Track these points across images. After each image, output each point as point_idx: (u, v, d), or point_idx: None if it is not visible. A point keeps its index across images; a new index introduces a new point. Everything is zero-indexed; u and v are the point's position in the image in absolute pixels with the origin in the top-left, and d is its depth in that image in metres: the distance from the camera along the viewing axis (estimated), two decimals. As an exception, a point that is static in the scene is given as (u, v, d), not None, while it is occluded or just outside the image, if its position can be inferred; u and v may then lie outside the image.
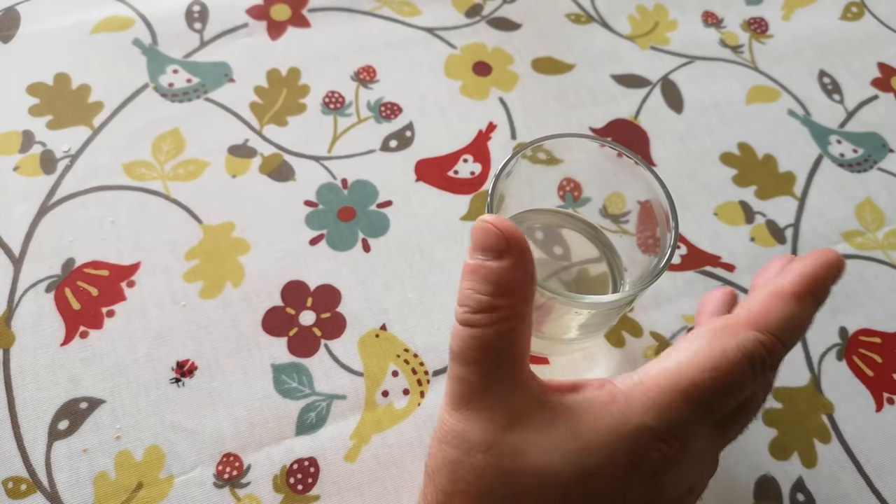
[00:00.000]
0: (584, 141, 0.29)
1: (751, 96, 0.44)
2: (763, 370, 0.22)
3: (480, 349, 0.21)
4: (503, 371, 0.22)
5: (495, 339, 0.21)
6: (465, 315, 0.22)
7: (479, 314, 0.21)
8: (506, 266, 0.21)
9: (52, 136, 0.39)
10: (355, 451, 0.31)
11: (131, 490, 0.30)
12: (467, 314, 0.22)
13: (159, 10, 0.44)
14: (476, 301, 0.21)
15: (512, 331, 0.21)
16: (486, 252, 0.22)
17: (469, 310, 0.22)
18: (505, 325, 0.21)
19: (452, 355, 0.22)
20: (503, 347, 0.21)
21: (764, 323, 0.22)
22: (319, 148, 0.40)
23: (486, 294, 0.21)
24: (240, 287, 0.35)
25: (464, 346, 0.22)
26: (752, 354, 0.21)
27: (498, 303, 0.21)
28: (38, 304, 0.34)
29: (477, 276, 0.22)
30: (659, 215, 0.28)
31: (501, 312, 0.21)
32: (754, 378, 0.21)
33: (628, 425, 0.21)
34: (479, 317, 0.21)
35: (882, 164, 0.42)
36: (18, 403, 0.31)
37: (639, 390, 0.21)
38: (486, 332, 0.21)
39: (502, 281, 0.21)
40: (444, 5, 0.46)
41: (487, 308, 0.21)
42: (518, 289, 0.22)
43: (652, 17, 0.47)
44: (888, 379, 0.35)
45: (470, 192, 0.39)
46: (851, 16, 0.49)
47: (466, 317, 0.22)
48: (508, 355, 0.22)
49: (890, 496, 0.32)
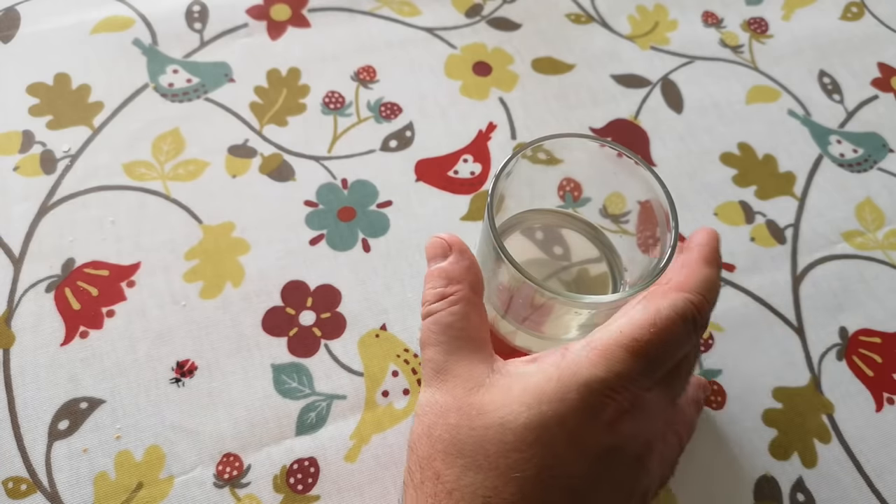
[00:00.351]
0: (584, 141, 0.29)
1: (751, 96, 0.44)
2: (695, 326, 0.24)
3: (440, 332, 0.25)
4: (462, 347, 0.25)
5: (451, 319, 0.25)
6: (426, 308, 0.26)
7: (435, 303, 0.26)
8: (450, 261, 0.27)
9: (52, 136, 0.39)
10: (355, 451, 0.31)
11: (131, 490, 0.30)
12: (427, 306, 0.26)
13: (159, 10, 0.44)
14: (432, 294, 0.26)
15: (465, 314, 0.26)
16: (435, 258, 0.27)
17: (428, 303, 0.26)
18: (457, 307, 0.26)
19: (420, 344, 0.26)
20: (460, 327, 0.25)
21: (689, 285, 0.25)
22: (319, 148, 0.40)
23: (440, 287, 0.26)
24: (240, 287, 0.35)
25: (427, 332, 0.26)
26: (683, 311, 0.24)
27: (448, 290, 0.26)
28: (38, 304, 0.34)
29: (431, 276, 0.27)
30: (659, 215, 0.28)
31: (453, 297, 0.26)
32: (688, 334, 0.24)
33: (578, 376, 0.23)
34: (435, 305, 0.26)
35: (882, 164, 0.42)
36: (18, 403, 0.31)
37: (585, 350, 0.23)
38: (443, 316, 0.25)
39: (449, 274, 0.26)
40: (444, 5, 0.46)
41: (441, 296, 0.26)
42: (463, 277, 0.26)
43: (652, 17, 0.47)
44: (888, 379, 0.35)
45: (470, 192, 0.39)
46: (851, 16, 0.49)
47: (426, 308, 0.26)
48: (465, 334, 0.25)
49: (890, 496, 0.32)
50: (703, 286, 0.25)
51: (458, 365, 0.25)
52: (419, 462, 0.24)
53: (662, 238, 0.28)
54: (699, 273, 0.25)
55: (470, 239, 0.37)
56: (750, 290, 0.37)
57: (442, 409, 0.24)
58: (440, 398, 0.24)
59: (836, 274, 0.38)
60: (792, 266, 0.38)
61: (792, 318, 0.36)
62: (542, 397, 0.23)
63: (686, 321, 0.24)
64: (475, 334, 0.26)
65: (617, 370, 0.23)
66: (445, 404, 0.24)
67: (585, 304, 0.26)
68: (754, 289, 0.37)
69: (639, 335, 0.23)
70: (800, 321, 0.36)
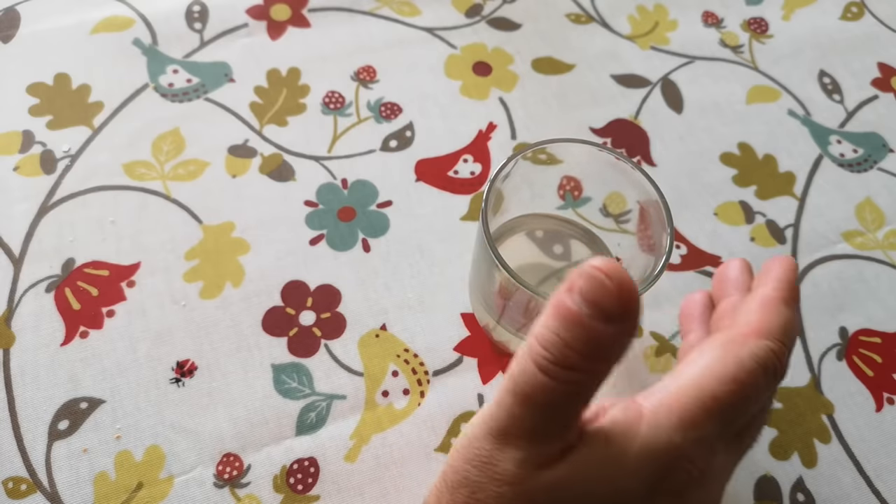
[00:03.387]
0: (582, 146, 0.29)
1: (751, 96, 0.44)
2: (775, 376, 0.22)
3: (544, 400, 0.20)
4: (555, 423, 0.20)
5: (563, 397, 0.20)
6: (545, 363, 0.19)
7: (558, 367, 0.19)
8: (611, 333, 0.19)
9: (52, 136, 0.39)
10: (355, 451, 0.31)
11: (131, 490, 0.30)
12: (547, 363, 0.19)
13: (159, 10, 0.44)
14: (562, 355, 0.19)
15: (586, 391, 0.20)
16: (595, 308, 0.18)
17: (551, 359, 0.19)
18: (581, 386, 0.20)
19: (511, 386, 0.20)
20: (568, 404, 0.20)
21: (767, 330, 0.22)
22: (319, 148, 0.40)
23: (576, 352, 0.19)
24: (240, 287, 0.35)
25: (527, 387, 0.20)
26: (765, 362, 0.21)
27: (585, 365, 0.19)
28: (38, 304, 0.34)
29: (574, 328, 0.19)
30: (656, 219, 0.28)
31: (583, 375, 0.19)
32: (768, 385, 0.22)
33: (657, 444, 0.20)
34: (557, 370, 0.19)
35: (882, 164, 0.42)
36: (18, 403, 0.31)
37: (663, 408, 0.21)
38: (558, 387, 0.19)
39: (601, 346, 0.19)
40: (444, 5, 0.46)
41: (571, 366, 0.19)
42: (613, 357, 0.20)
43: (652, 17, 0.47)
44: (888, 379, 0.35)
45: (470, 192, 0.39)
46: (851, 16, 0.49)
47: (545, 364, 0.19)
48: (569, 411, 0.20)
49: (890, 496, 0.32)
50: (783, 331, 0.23)
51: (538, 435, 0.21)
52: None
53: (658, 243, 0.28)
54: (779, 315, 0.23)
55: (470, 239, 0.37)
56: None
57: (497, 475, 0.21)
58: (501, 462, 0.21)
59: (836, 274, 0.38)
60: (792, 266, 0.38)
61: (792, 318, 0.36)
62: (621, 471, 0.20)
63: (767, 372, 0.21)
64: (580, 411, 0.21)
65: (697, 436, 0.20)
66: (503, 472, 0.21)
67: None
68: (754, 289, 0.37)
69: (720, 392, 0.21)
70: (800, 321, 0.36)
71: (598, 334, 0.18)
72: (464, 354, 0.34)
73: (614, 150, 0.29)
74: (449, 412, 0.32)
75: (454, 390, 0.33)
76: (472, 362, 0.34)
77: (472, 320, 0.35)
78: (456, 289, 0.36)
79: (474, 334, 0.35)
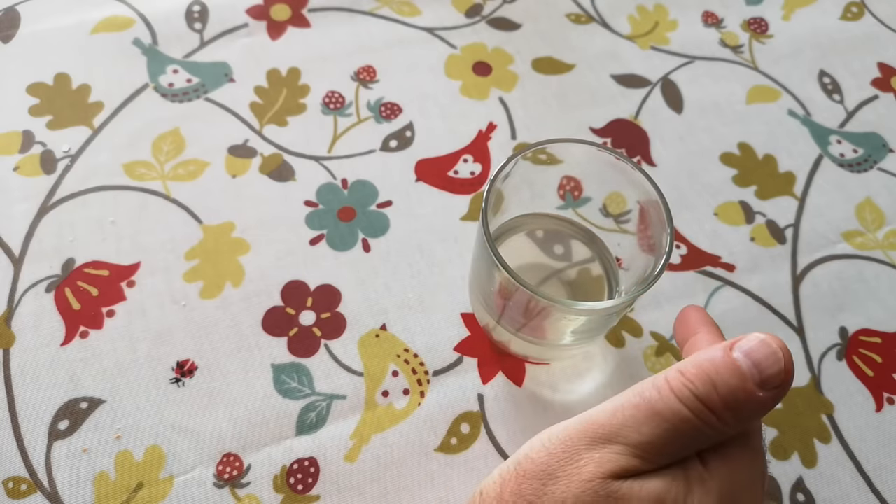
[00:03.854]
0: (582, 146, 0.29)
1: (751, 96, 0.44)
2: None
3: (671, 423, 0.21)
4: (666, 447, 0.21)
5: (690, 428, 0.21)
6: (686, 392, 0.21)
7: (697, 401, 0.21)
8: (759, 398, 0.21)
9: (52, 136, 0.39)
10: (355, 451, 0.31)
11: (131, 490, 0.30)
12: (689, 392, 0.21)
13: (159, 10, 0.44)
14: (707, 394, 0.21)
15: (706, 436, 0.21)
16: (757, 370, 0.21)
17: (694, 391, 0.21)
18: (708, 428, 0.21)
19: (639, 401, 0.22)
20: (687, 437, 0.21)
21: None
22: (319, 148, 0.40)
23: (721, 398, 0.21)
24: (240, 287, 0.35)
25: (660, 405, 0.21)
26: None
27: (722, 412, 0.21)
28: (38, 304, 0.34)
29: (731, 378, 0.21)
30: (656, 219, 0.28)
31: (715, 419, 0.21)
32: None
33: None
34: (695, 402, 0.21)
35: (882, 164, 0.42)
36: (18, 403, 0.31)
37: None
38: (690, 418, 0.21)
39: (744, 404, 0.21)
40: (444, 5, 0.46)
41: (710, 407, 0.21)
42: (746, 418, 0.21)
43: (652, 17, 0.47)
44: (888, 379, 0.35)
45: (470, 192, 0.39)
46: (851, 16, 0.49)
47: (686, 394, 0.21)
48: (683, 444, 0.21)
49: (890, 496, 0.32)
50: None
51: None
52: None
53: (658, 244, 0.28)
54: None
55: (470, 239, 0.37)
56: (750, 291, 0.37)
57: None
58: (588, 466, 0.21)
59: (836, 274, 0.38)
60: (792, 266, 0.38)
61: (792, 318, 0.36)
62: None
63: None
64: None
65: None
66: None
67: (580, 310, 0.26)
68: (754, 289, 0.37)
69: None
70: (800, 321, 0.36)
71: (748, 394, 0.21)
72: (464, 354, 0.34)
73: (614, 150, 0.29)
74: (449, 412, 0.32)
75: (454, 390, 0.33)
76: (472, 362, 0.34)
77: (472, 320, 0.35)
78: (456, 289, 0.36)
79: (474, 334, 0.35)
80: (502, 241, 0.33)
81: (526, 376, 0.34)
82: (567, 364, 0.34)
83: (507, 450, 0.32)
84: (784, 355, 0.21)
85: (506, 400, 0.33)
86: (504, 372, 0.34)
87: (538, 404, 0.33)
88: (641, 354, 0.35)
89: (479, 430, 0.32)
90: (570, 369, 0.34)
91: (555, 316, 0.27)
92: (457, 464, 0.31)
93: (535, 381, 0.33)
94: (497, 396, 0.33)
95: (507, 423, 0.32)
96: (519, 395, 0.33)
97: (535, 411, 0.33)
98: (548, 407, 0.33)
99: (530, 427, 0.32)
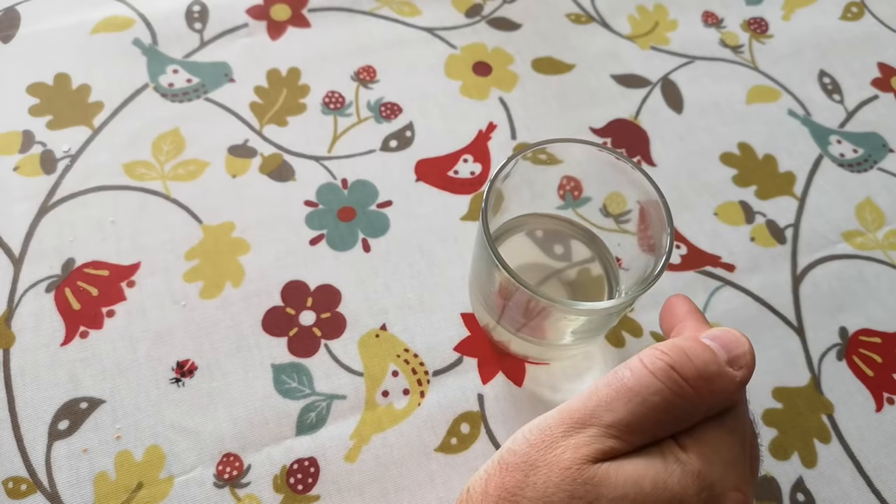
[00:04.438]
0: (582, 146, 0.29)
1: (751, 96, 0.44)
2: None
3: (644, 398, 0.22)
4: (641, 423, 0.22)
5: (663, 401, 0.22)
6: (660, 363, 0.22)
7: (673, 371, 0.22)
8: (727, 373, 0.23)
9: (52, 136, 0.39)
10: (355, 451, 0.31)
11: (131, 490, 0.30)
12: (664, 363, 0.22)
13: (159, 10, 0.44)
14: (681, 362, 0.22)
15: (681, 409, 0.22)
16: (725, 350, 0.23)
17: (669, 361, 0.22)
18: (682, 399, 0.22)
19: (611, 380, 0.22)
20: (662, 411, 0.22)
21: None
22: (319, 148, 0.40)
23: (695, 367, 0.22)
24: (240, 287, 0.35)
25: (632, 382, 0.22)
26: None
27: (695, 382, 0.22)
28: (38, 304, 0.34)
29: (703, 352, 0.23)
30: (656, 219, 0.28)
31: (690, 390, 0.22)
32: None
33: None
34: (669, 372, 0.22)
35: (882, 164, 0.42)
36: (18, 403, 0.31)
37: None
38: (663, 389, 0.22)
39: (716, 376, 0.22)
40: (444, 5, 0.46)
41: (684, 375, 0.22)
42: (718, 394, 0.22)
43: (652, 17, 0.47)
44: (888, 379, 0.35)
45: (470, 192, 0.39)
46: (851, 16, 0.49)
47: (661, 365, 0.22)
48: (660, 418, 0.22)
49: (890, 496, 0.32)
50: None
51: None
52: None
53: (658, 245, 0.28)
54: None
55: (470, 239, 0.37)
56: (750, 290, 0.37)
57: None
58: (564, 452, 0.22)
59: (836, 274, 0.38)
60: (792, 266, 0.38)
61: (792, 318, 0.36)
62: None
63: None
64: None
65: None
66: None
67: (580, 310, 0.26)
68: (754, 289, 0.37)
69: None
70: (800, 321, 0.36)
71: (720, 366, 0.22)
72: (464, 354, 0.34)
73: (614, 150, 0.29)
74: (449, 412, 0.32)
75: (454, 390, 0.33)
76: (472, 362, 0.34)
77: (472, 320, 0.35)
78: (456, 289, 0.36)
79: (474, 334, 0.35)
80: (502, 241, 0.33)
81: (526, 376, 0.34)
82: (567, 364, 0.34)
83: (507, 450, 0.32)
84: (746, 340, 0.23)
85: (506, 400, 0.33)
86: (504, 372, 0.34)
87: (538, 404, 0.33)
88: (641, 354, 0.35)
89: (479, 430, 0.32)
90: (570, 369, 0.34)
91: (555, 316, 0.27)
92: (457, 464, 0.31)
93: (535, 381, 0.33)
94: (497, 396, 0.33)
95: (507, 423, 0.32)
96: (519, 395, 0.33)
97: (535, 411, 0.33)
98: (548, 407, 0.33)
99: (530, 427, 0.32)
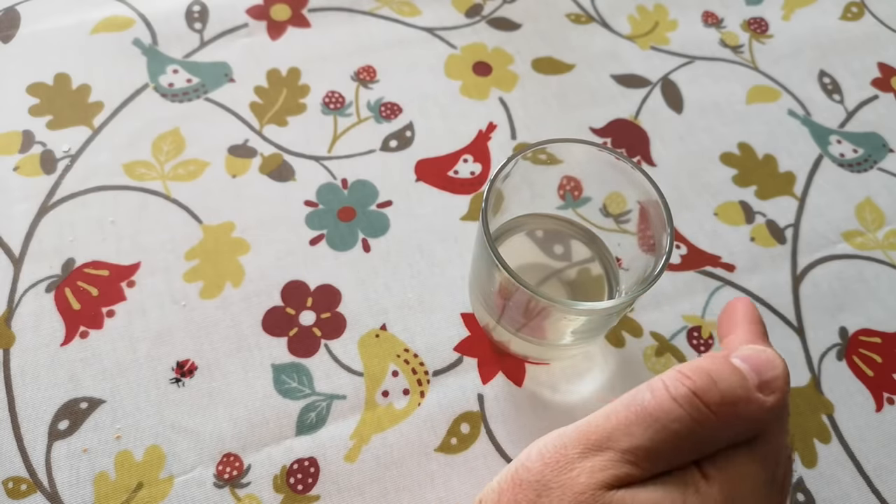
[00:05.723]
0: (582, 146, 0.29)
1: (751, 96, 0.44)
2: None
3: (664, 424, 0.21)
4: (661, 449, 0.21)
5: (684, 428, 0.21)
6: (683, 389, 0.21)
7: (695, 398, 0.21)
8: (757, 399, 0.21)
9: (52, 136, 0.39)
10: (355, 451, 0.31)
11: (131, 490, 0.30)
12: (686, 389, 0.21)
13: (159, 10, 0.44)
14: (705, 387, 0.21)
15: (702, 437, 0.21)
16: (755, 373, 0.22)
17: (692, 387, 0.21)
18: (704, 427, 0.21)
19: (630, 401, 0.21)
20: (683, 438, 0.21)
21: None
22: (319, 148, 0.40)
23: (720, 393, 0.21)
24: (240, 287, 0.35)
25: (652, 406, 0.21)
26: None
27: (719, 409, 0.21)
28: (38, 304, 0.34)
29: (731, 375, 0.21)
30: (656, 219, 0.28)
31: (713, 418, 0.21)
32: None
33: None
34: (692, 399, 0.21)
35: (882, 164, 0.42)
36: (18, 403, 0.31)
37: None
38: (684, 416, 0.21)
39: (742, 402, 0.21)
40: (444, 5, 0.46)
41: (707, 402, 0.21)
42: (744, 422, 0.21)
43: (652, 17, 0.47)
44: (888, 379, 0.35)
45: (470, 192, 0.39)
46: (851, 16, 0.49)
47: (683, 391, 0.21)
48: (679, 445, 0.21)
49: (890, 496, 0.32)
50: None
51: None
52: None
53: (658, 245, 0.28)
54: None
55: (470, 239, 0.37)
56: (750, 290, 0.37)
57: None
58: (580, 475, 0.21)
59: (836, 274, 0.38)
60: (792, 266, 0.38)
61: (792, 318, 0.36)
62: None
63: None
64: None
65: None
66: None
67: (580, 310, 0.26)
68: (754, 289, 0.37)
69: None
70: (800, 321, 0.36)
71: (748, 392, 0.21)
72: (464, 354, 0.34)
73: (614, 150, 0.29)
74: (449, 412, 0.32)
75: (454, 390, 0.33)
76: (472, 362, 0.34)
77: (472, 320, 0.35)
78: (456, 289, 0.36)
79: (474, 334, 0.35)
80: (502, 241, 0.33)
81: (526, 376, 0.34)
82: (567, 364, 0.34)
83: (507, 450, 0.32)
84: (781, 363, 0.22)
85: (506, 400, 0.33)
86: (504, 372, 0.34)
87: (538, 404, 0.33)
88: (641, 354, 0.35)
89: (479, 430, 0.32)
90: (570, 369, 0.34)
91: (555, 316, 0.27)
92: (457, 464, 0.31)
93: (535, 381, 0.33)
94: (497, 396, 0.33)
95: (507, 423, 0.32)
96: (519, 395, 0.33)
97: (535, 411, 0.33)
98: (548, 407, 0.33)
99: (530, 427, 0.32)
